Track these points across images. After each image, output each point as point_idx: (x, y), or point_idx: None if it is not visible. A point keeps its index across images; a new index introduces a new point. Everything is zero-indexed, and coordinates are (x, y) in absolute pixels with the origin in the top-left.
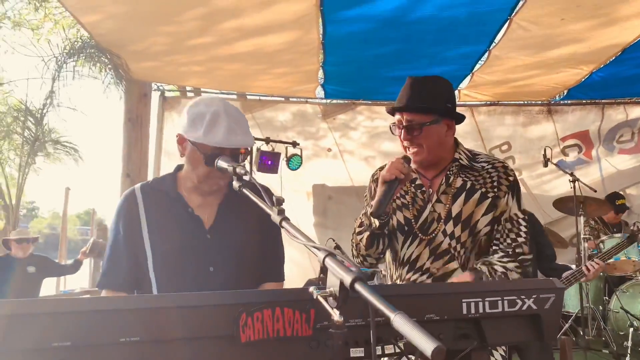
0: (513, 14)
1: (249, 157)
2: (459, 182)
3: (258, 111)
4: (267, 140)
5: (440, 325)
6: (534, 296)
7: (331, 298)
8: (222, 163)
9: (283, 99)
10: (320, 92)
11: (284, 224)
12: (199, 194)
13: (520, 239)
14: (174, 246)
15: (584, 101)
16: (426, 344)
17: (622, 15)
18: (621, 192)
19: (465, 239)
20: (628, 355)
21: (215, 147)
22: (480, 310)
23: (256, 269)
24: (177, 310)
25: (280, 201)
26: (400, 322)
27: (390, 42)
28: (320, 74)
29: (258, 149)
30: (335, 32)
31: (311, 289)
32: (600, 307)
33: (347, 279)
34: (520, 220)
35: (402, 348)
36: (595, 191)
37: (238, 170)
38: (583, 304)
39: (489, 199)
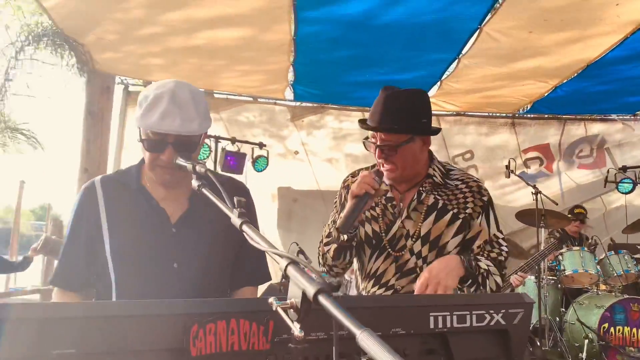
0: (483, 23)
1: (212, 156)
2: (430, 200)
3: (225, 110)
4: (233, 140)
5: (406, 339)
6: (502, 311)
7: (292, 310)
8: (180, 161)
9: (251, 99)
10: (289, 93)
11: (244, 227)
12: (163, 186)
13: (501, 258)
14: (134, 241)
15: (545, 115)
16: None
17: (587, 34)
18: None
19: (432, 259)
20: None
21: (154, 132)
22: (448, 325)
23: (229, 269)
24: (120, 320)
25: (241, 203)
26: (366, 340)
27: (359, 46)
28: (291, 74)
29: (223, 149)
30: (306, 30)
31: (270, 299)
32: (557, 319)
33: (310, 291)
34: (501, 241)
35: None
36: (557, 204)
37: (198, 168)
38: (541, 315)
39: (460, 220)
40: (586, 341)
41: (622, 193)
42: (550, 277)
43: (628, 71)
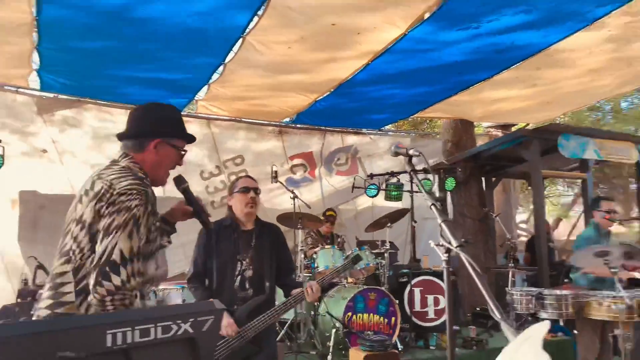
0: (246, 33)
1: None
2: None
3: None
4: None
5: None
6: (191, 320)
7: None
8: None
9: None
10: (35, 82)
11: None
12: None
13: None
14: None
15: (309, 126)
16: None
17: (338, 56)
18: (334, 208)
19: None
20: (330, 354)
21: None
22: (129, 341)
23: None
24: None
25: None
26: None
27: (120, 38)
28: (35, 59)
29: None
30: (52, 13)
31: None
32: (312, 312)
33: None
34: None
35: None
36: (310, 207)
37: None
38: (297, 311)
39: None
40: (334, 330)
41: (370, 197)
42: (306, 274)
43: (372, 92)
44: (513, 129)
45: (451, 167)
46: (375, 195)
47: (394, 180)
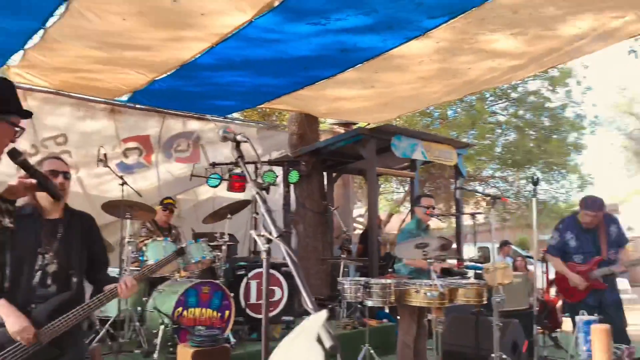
0: None
1: None
2: None
3: None
4: None
5: None
6: None
7: None
8: None
9: None
10: None
11: None
12: None
13: None
14: None
15: (147, 107)
16: None
17: (181, 35)
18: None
19: None
20: (157, 351)
21: None
22: None
23: None
24: None
25: None
26: None
27: None
28: None
29: None
30: None
31: None
32: (140, 308)
33: None
34: None
35: None
36: (141, 196)
37: None
38: (121, 308)
39: None
40: (162, 327)
41: (211, 187)
42: (134, 268)
43: (217, 78)
44: (354, 127)
45: (295, 160)
46: (217, 186)
47: (238, 170)
